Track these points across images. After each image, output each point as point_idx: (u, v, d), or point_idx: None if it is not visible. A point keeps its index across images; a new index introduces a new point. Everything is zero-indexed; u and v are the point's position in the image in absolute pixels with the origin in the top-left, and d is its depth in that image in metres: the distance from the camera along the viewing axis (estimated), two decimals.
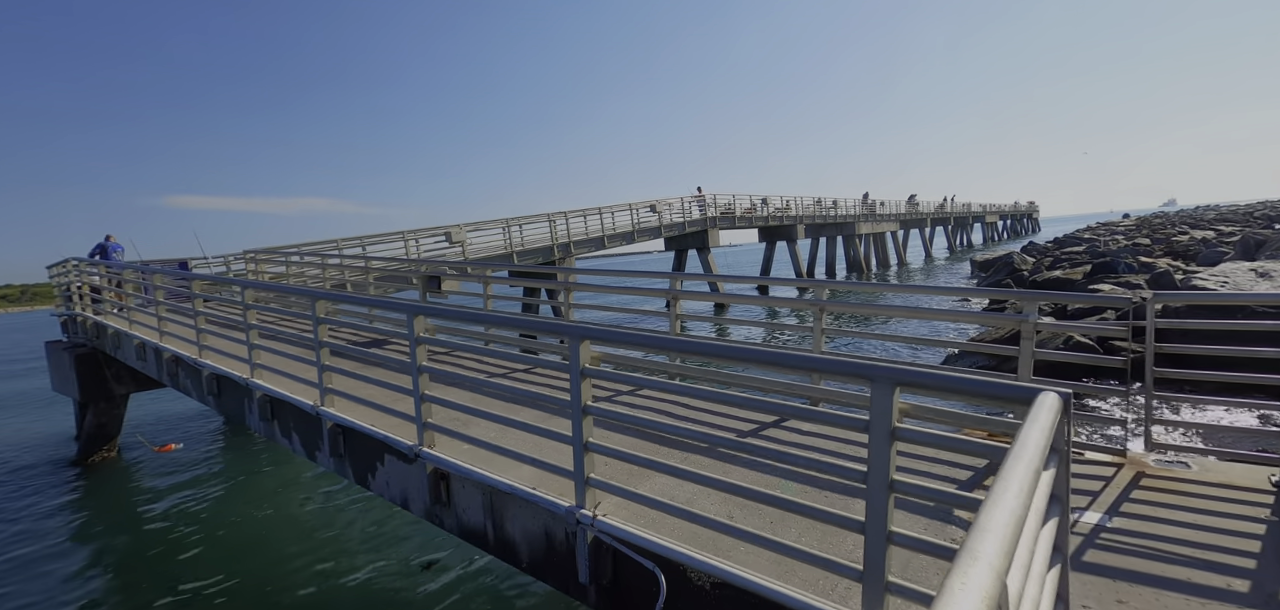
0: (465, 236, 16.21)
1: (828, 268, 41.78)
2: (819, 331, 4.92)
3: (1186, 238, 23.25)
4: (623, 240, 21.77)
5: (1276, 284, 9.37)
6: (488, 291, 7.32)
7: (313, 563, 6.50)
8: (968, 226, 69.21)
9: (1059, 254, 25.99)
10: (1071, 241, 32.67)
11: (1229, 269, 10.63)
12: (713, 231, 25.81)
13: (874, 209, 42.86)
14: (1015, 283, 19.77)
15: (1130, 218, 75.56)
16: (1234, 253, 15.30)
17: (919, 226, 53.96)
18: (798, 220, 33.81)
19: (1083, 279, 16.26)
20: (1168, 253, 20.52)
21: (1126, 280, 14.66)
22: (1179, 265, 15.89)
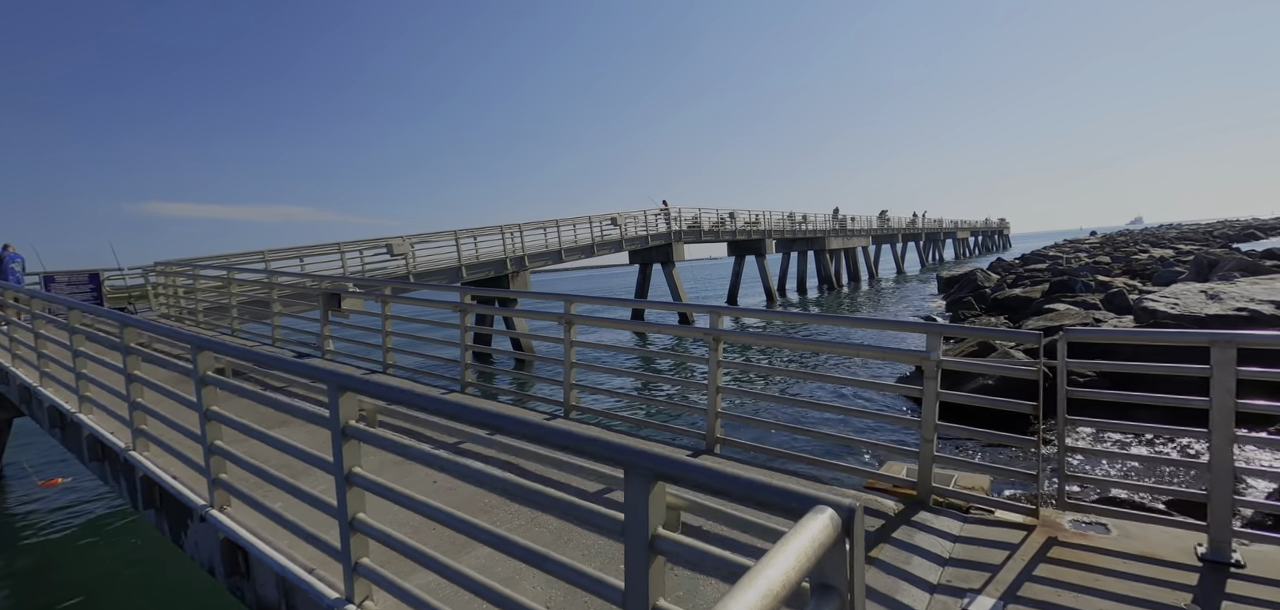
0: (409, 248, 15.50)
1: (799, 282, 41.66)
2: (715, 364, 4.38)
3: (1146, 257, 23.39)
4: (582, 254, 21.19)
5: (1225, 306, 9.12)
6: (386, 311, 6.67)
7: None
8: (939, 242, 69.94)
9: (1022, 271, 26.02)
10: (1036, 259, 32.88)
11: (1180, 290, 10.40)
12: (677, 245, 25.37)
13: (844, 224, 42.90)
14: (977, 301, 19.59)
15: (1096, 235, 77.11)
16: (1187, 273, 15.23)
17: (890, 241, 54.26)
18: (767, 234, 33.57)
19: (1041, 297, 16.08)
20: (1127, 271, 20.54)
21: (1083, 299, 14.48)
22: (1135, 285, 15.78)
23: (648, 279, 27.08)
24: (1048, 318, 12.30)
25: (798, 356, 14.70)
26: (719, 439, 4.27)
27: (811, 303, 33.01)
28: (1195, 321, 8.97)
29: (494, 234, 18.24)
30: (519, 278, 18.45)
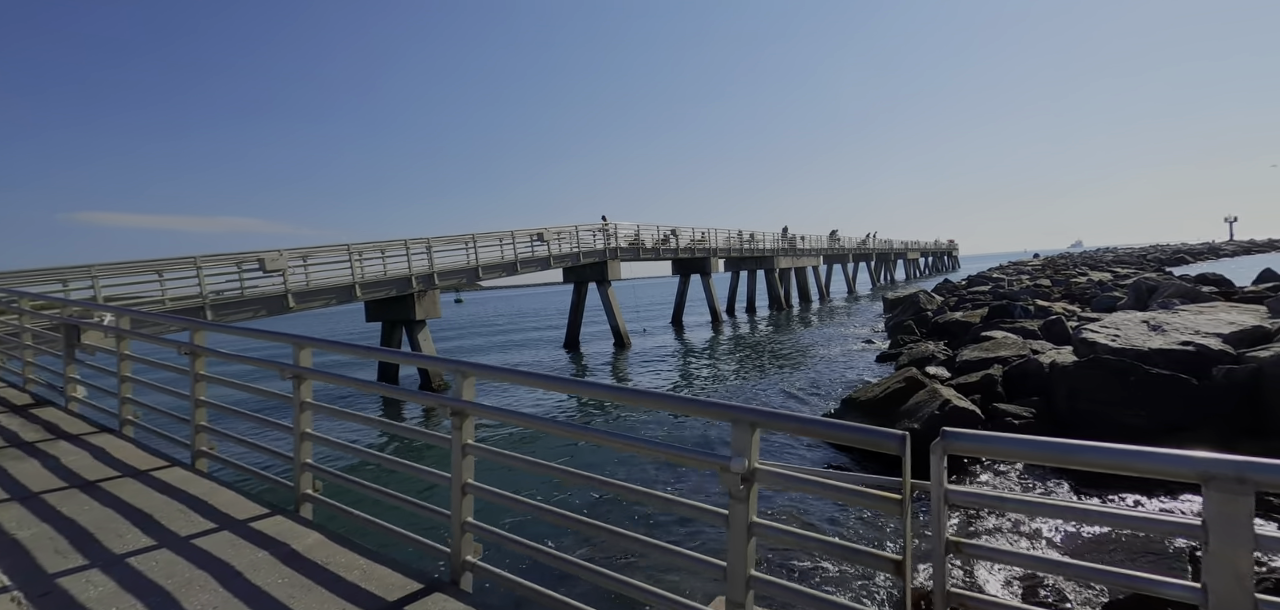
0: (287, 265, 13.62)
1: (748, 302, 40.82)
2: (459, 451, 2.89)
3: (1085, 280, 23.11)
4: (502, 272, 19.58)
5: (1169, 339, 8.19)
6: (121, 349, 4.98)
7: None
8: (891, 262, 70.62)
9: (965, 293, 25.54)
10: (981, 280, 32.72)
11: (1121, 320, 9.49)
12: (613, 263, 23.98)
13: (794, 243, 42.34)
14: (918, 326, 18.74)
15: (1039, 258, 79.20)
16: (1127, 299, 14.61)
17: (841, 261, 54.16)
18: (713, 253, 32.52)
19: (980, 322, 15.23)
20: (1067, 295, 20.07)
21: (1022, 326, 13.64)
22: (1074, 311, 15.10)
23: (582, 299, 25.61)
24: (984, 347, 11.31)
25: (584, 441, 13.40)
26: (470, 564, 2.79)
27: (761, 323, 32.00)
28: (1137, 355, 7.99)
29: (397, 249, 16.48)
30: (426, 299, 16.71)
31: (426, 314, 16.69)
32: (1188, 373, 7.46)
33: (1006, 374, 9.40)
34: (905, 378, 8.89)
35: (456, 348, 29.03)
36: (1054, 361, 8.69)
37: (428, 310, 16.70)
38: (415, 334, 16.53)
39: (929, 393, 8.29)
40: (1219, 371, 7.25)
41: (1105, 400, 7.66)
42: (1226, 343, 7.85)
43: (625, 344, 23.59)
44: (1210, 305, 10.62)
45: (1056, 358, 9.05)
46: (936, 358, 13.06)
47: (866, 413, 9.03)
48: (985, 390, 9.05)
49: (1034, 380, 9.03)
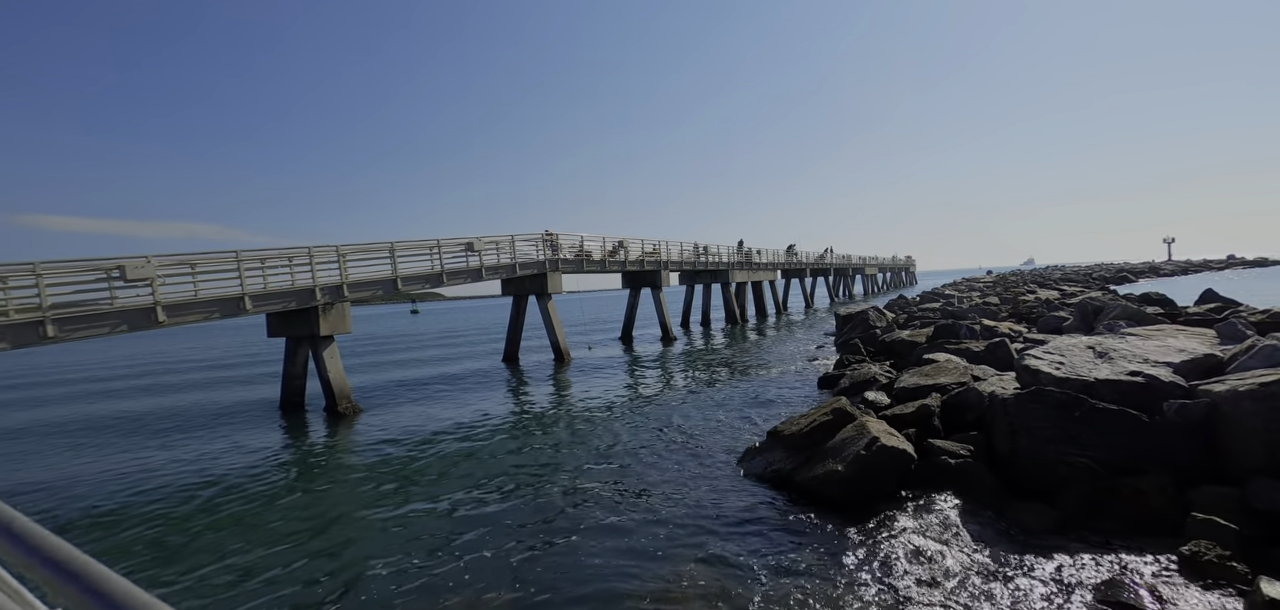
0: (155, 273, 11.94)
1: (703, 316, 39.99)
2: None
3: (1033, 298, 22.84)
4: (423, 283, 18.13)
5: (1117, 368, 7.40)
6: None
7: None
8: (849, 278, 70.99)
9: (915, 310, 25.09)
10: (932, 297, 32.54)
11: (1066, 344, 8.72)
12: (553, 276, 22.74)
13: (750, 257, 41.77)
14: (865, 344, 18.01)
15: (991, 274, 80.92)
16: (1072, 320, 14.07)
17: (799, 275, 53.96)
18: (665, 266, 31.54)
19: (924, 343, 14.50)
20: (1014, 314, 19.65)
21: (967, 346, 12.91)
22: (1021, 331, 14.50)
23: (521, 312, 24.26)
24: (924, 372, 10.46)
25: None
26: None
27: (714, 337, 31.06)
28: (1083, 386, 7.15)
29: (302, 258, 14.92)
30: (333, 313, 15.17)
31: (334, 329, 15.14)
32: (1137, 407, 6.64)
33: (945, 404, 8.51)
34: (833, 410, 7.90)
35: (371, 366, 27.24)
36: (994, 392, 7.81)
37: (335, 325, 15.15)
38: (320, 351, 14.95)
39: (857, 428, 7.30)
40: (1171, 407, 6.43)
41: (1048, 437, 6.79)
42: (1177, 373, 7.07)
43: (565, 359, 22.33)
44: (1157, 328, 9.98)
45: (998, 387, 8.19)
46: (878, 381, 12.20)
47: (791, 448, 8.01)
48: (921, 423, 8.13)
49: (974, 412, 8.15)
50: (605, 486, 8.38)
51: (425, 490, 8.80)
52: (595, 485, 8.47)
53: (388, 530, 7.34)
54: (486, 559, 6.43)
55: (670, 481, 8.31)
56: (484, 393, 17.23)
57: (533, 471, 9.44)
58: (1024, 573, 5.18)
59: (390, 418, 14.04)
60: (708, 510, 7.20)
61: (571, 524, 7.16)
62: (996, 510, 6.44)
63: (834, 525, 6.41)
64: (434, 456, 10.58)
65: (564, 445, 10.89)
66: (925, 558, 5.54)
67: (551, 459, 9.99)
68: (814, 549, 5.98)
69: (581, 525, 7.15)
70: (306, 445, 12.06)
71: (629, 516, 7.21)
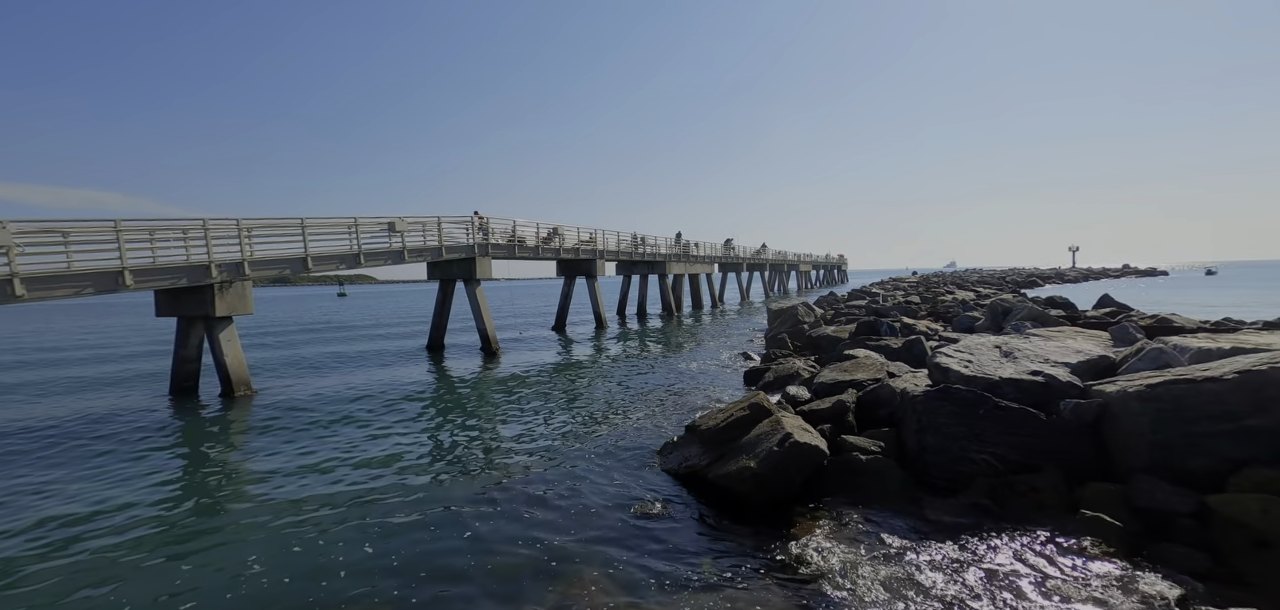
0: (11, 241, 10.59)
1: (639, 308, 39.88)
2: None
3: (950, 298, 23.87)
4: (340, 264, 17.06)
5: (1020, 368, 7.62)
6: None
7: None
8: (783, 273, 72.74)
9: (842, 307, 25.77)
10: (860, 295, 33.60)
11: (976, 343, 8.95)
12: (483, 261, 21.93)
13: (688, 249, 41.95)
14: (792, 339, 18.26)
15: (916, 275, 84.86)
16: (983, 320, 14.69)
17: (736, 270, 54.76)
18: (600, 255, 31.14)
19: (847, 339, 14.79)
20: (932, 313, 20.42)
21: (887, 344, 13.22)
22: (937, 329, 15.02)
23: (448, 298, 23.34)
24: (844, 368, 10.58)
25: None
26: None
27: (649, 328, 30.90)
28: (988, 385, 7.30)
29: (195, 230, 13.65)
30: (232, 292, 13.98)
31: (233, 310, 13.96)
32: (1037, 406, 6.82)
33: (860, 400, 8.57)
34: (750, 405, 7.77)
35: (281, 351, 25.69)
36: (906, 389, 7.90)
37: (234, 305, 13.97)
38: (217, 334, 13.76)
39: (772, 424, 7.19)
40: (1067, 406, 6.63)
41: (954, 434, 6.88)
42: (1074, 374, 7.33)
43: (493, 347, 21.62)
44: (1058, 330, 10.43)
45: (910, 384, 8.30)
46: (800, 376, 12.31)
47: (707, 443, 7.85)
48: (836, 419, 8.14)
49: (887, 408, 8.23)
50: (517, 477, 7.99)
51: (321, 480, 8.14)
52: (507, 476, 8.06)
53: (272, 523, 6.70)
54: (378, 550, 5.93)
55: (585, 476, 7.99)
56: (401, 379, 16.39)
57: (443, 461, 8.93)
58: (925, 569, 5.16)
59: (293, 404, 13.07)
60: (618, 506, 6.93)
61: (476, 516, 6.75)
62: (904, 506, 6.46)
63: (743, 523, 6.27)
64: (336, 445, 9.86)
65: (481, 435, 10.39)
66: (830, 556, 5.45)
67: (464, 450, 9.48)
68: (720, 548, 5.81)
69: (487, 517, 6.74)
70: (196, 434, 11.01)
71: (536, 510, 6.85)
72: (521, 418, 11.49)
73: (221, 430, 11.15)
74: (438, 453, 9.38)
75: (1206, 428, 5.65)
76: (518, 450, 9.36)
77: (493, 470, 8.30)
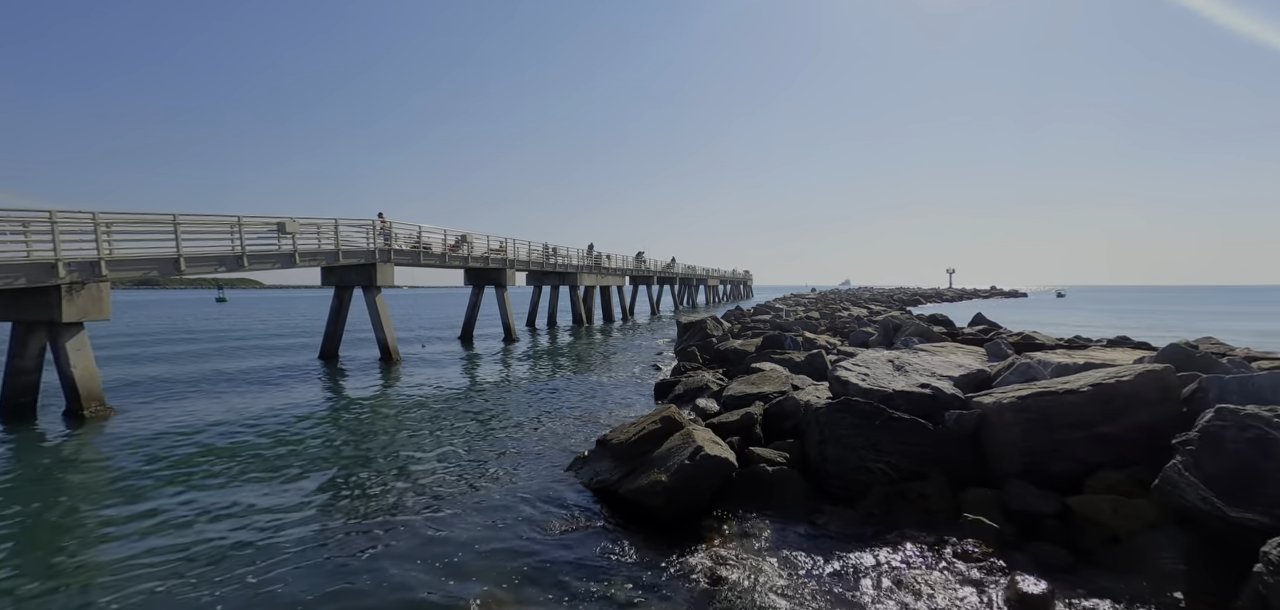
0: None
1: (550, 318, 39.38)
2: None
3: (847, 314, 25.34)
4: (220, 266, 15.58)
5: (911, 381, 8.16)
6: None
7: None
8: (693, 287, 74.47)
9: (748, 321, 26.67)
10: (764, 310, 34.95)
11: (870, 357, 9.49)
12: (384, 267, 20.79)
13: (600, 261, 41.96)
14: (701, 352, 18.66)
15: (815, 291, 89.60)
16: (876, 336, 15.71)
17: (647, 283, 55.40)
18: (511, 264, 30.46)
19: (754, 352, 15.28)
20: (831, 328, 21.56)
21: (790, 357, 13.76)
22: (836, 344, 15.87)
23: (345, 305, 21.92)
24: (751, 381, 10.89)
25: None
26: None
27: (560, 339, 30.49)
28: (883, 397, 7.74)
29: (40, 224, 11.96)
30: (83, 295, 12.33)
31: (84, 315, 12.31)
32: (925, 416, 7.30)
33: (767, 412, 8.84)
34: (661, 418, 7.80)
35: (144, 362, 23.25)
36: (809, 401, 8.23)
37: (86, 310, 12.33)
38: (62, 341, 12.07)
39: (683, 437, 7.24)
40: (951, 416, 7.15)
41: (853, 444, 7.23)
42: (957, 386, 7.94)
43: (393, 358, 20.50)
44: (941, 345, 11.30)
45: (813, 397, 8.66)
46: (710, 389, 12.55)
47: (619, 456, 7.78)
48: (744, 431, 8.34)
49: (791, 420, 8.54)
50: (418, 500, 7.54)
51: (189, 507, 7.28)
52: (407, 499, 7.58)
53: (130, 558, 5.88)
54: (262, 583, 5.35)
55: (491, 495, 7.68)
56: (289, 394, 15.12)
57: (334, 481, 8.27)
58: (825, 576, 5.35)
59: (154, 428, 11.56)
60: (528, 524, 6.70)
61: (372, 539, 6.28)
62: (807, 515, 6.68)
63: (654, 537, 6.24)
64: (207, 468, 8.89)
65: (379, 452, 9.75)
66: (736, 567, 5.53)
67: (359, 469, 8.84)
68: (630, 562, 5.74)
69: (385, 540, 6.29)
70: (23, 464, 9.50)
71: (439, 533, 6.48)
72: (422, 435, 10.91)
73: (57, 462, 9.52)
74: (326, 480, 8.63)
75: (1066, 435, 6.28)
76: (419, 470, 8.85)
77: (389, 495, 7.77)
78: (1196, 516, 4.88)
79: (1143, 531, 5.17)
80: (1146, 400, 6.19)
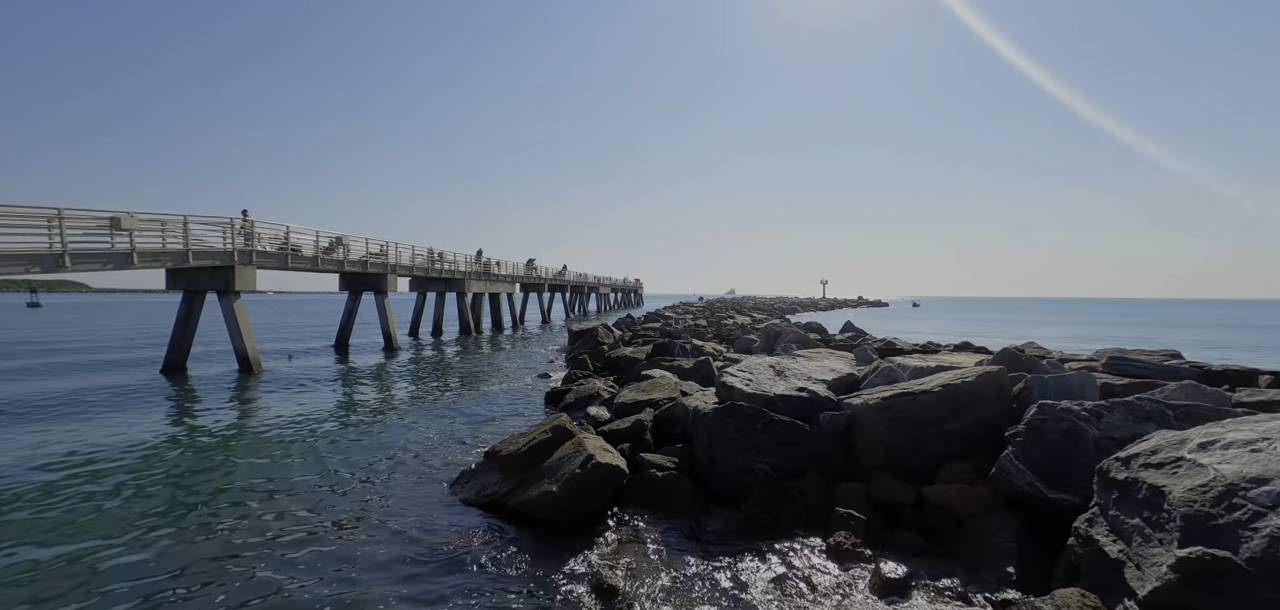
0: None
1: (435, 326, 37.65)
2: None
3: (732, 322, 26.48)
4: (34, 267, 13.39)
5: (790, 385, 8.67)
6: None
7: None
8: (584, 295, 74.47)
9: (639, 329, 27.10)
10: (654, 317, 35.71)
11: (754, 364, 9.97)
12: (244, 270, 18.87)
13: (489, 268, 40.82)
14: (592, 359, 18.68)
15: (702, 300, 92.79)
16: (759, 343, 16.56)
17: (538, 290, 54.67)
18: (391, 270, 28.80)
19: (644, 359, 15.53)
20: (717, 336, 22.42)
21: (679, 363, 14.12)
22: (722, 350, 16.51)
23: (195, 311, 19.63)
24: (642, 388, 11.05)
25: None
26: None
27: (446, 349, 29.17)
28: (765, 401, 8.15)
29: None
30: None
31: None
32: (803, 418, 7.77)
33: (657, 419, 9.00)
34: (552, 427, 7.69)
35: None
36: (697, 407, 8.49)
37: None
38: None
39: (574, 446, 7.19)
40: (825, 417, 7.67)
41: (738, 447, 7.53)
42: (830, 389, 8.54)
43: (254, 370, 18.63)
44: (817, 351, 12.11)
45: (701, 402, 8.93)
46: (601, 396, 12.58)
47: (508, 468, 7.57)
48: (635, 438, 8.43)
49: (680, 425, 8.76)
50: (288, 523, 6.88)
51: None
52: (276, 522, 6.90)
53: None
54: None
55: (369, 519, 7.17)
56: (118, 417, 13.22)
57: (169, 524, 7.30)
58: (710, 576, 5.52)
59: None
60: (411, 544, 6.33)
61: (220, 590, 5.61)
62: (695, 517, 6.87)
63: (544, 550, 6.12)
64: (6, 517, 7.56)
65: (239, 475, 8.78)
66: (627, 572, 5.57)
67: (213, 498, 7.90)
68: (520, 575, 5.60)
69: (237, 591, 5.64)
70: None
71: (311, 568, 5.93)
72: (284, 460, 9.97)
73: None
74: (159, 524, 7.63)
75: (922, 432, 6.95)
76: (291, 489, 8.09)
77: (240, 534, 6.93)
78: (1025, 499, 5.58)
79: (983, 514, 5.83)
80: (985, 398, 7.00)
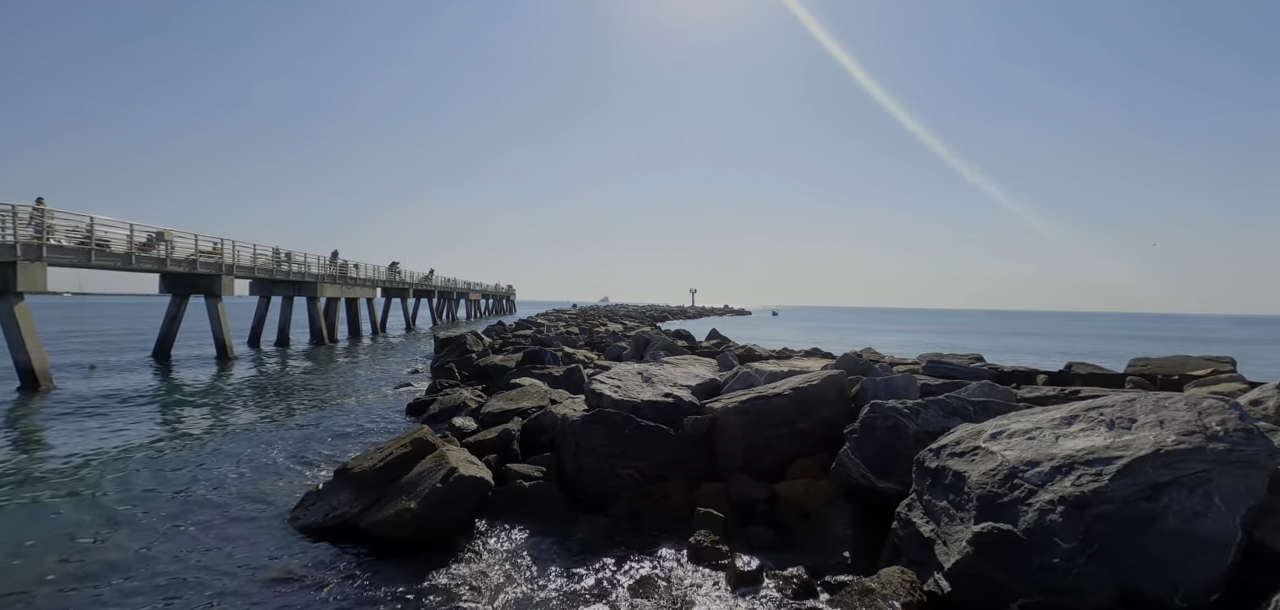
0: None
1: (281, 334, 34.17)
2: None
3: (604, 330, 26.77)
4: None
5: (657, 391, 8.95)
6: None
7: None
8: (453, 301, 71.41)
9: (510, 336, 26.52)
10: (526, 324, 35.12)
11: (623, 371, 10.16)
12: (30, 266, 15.90)
13: (345, 270, 37.86)
14: (459, 368, 17.95)
15: (576, 307, 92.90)
16: (629, 350, 16.91)
17: (401, 295, 51.57)
18: (228, 271, 25.73)
19: (514, 368, 15.24)
20: (589, 343, 22.55)
21: (550, 371, 14.01)
22: (593, 358, 16.63)
23: None
24: (510, 397, 10.83)
25: None
26: None
27: (293, 359, 26.49)
28: (633, 407, 8.32)
29: None
30: None
31: None
32: (668, 423, 8.04)
33: (525, 428, 8.87)
34: (412, 440, 7.30)
35: None
36: (566, 414, 8.48)
37: None
38: None
39: (436, 459, 6.87)
40: (688, 422, 8.00)
41: (606, 453, 7.62)
42: (694, 394, 8.92)
43: (40, 385, 15.74)
44: (683, 358, 12.61)
45: (570, 410, 8.93)
46: (468, 406, 12.13)
47: (361, 487, 7.06)
48: (502, 448, 8.25)
49: (549, 434, 8.70)
50: (91, 564, 5.88)
51: None
52: (75, 565, 5.85)
53: None
54: None
55: (195, 549, 6.34)
56: None
57: None
58: (578, 582, 5.54)
59: None
60: (246, 578, 5.68)
61: None
62: (563, 526, 6.84)
63: (400, 573, 5.78)
64: None
65: (21, 512, 7.34)
66: (491, 588, 5.43)
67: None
68: (372, 600, 5.24)
69: None
70: None
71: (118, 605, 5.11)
72: (97, 481, 8.55)
73: None
74: None
75: (774, 432, 7.48)
76: (92, 526, 6.92)
77: (54, 563, 5.92)
78: (860, 490, 6.21)
79: (826, 506, 6.40)
80: (828, 399, 7.70)
